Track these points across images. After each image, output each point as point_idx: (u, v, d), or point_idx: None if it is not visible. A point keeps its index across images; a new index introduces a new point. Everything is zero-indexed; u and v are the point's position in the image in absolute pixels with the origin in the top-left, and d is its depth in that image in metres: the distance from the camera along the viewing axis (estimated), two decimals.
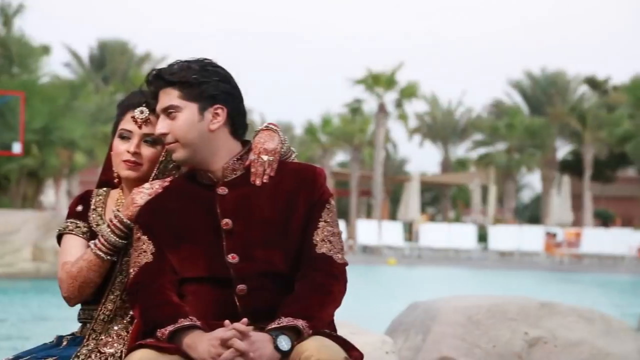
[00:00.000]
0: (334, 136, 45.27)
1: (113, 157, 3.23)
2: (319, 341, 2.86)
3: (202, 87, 3.00)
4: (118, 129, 3.21)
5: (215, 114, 3.02)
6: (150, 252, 3.03)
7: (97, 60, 51.45)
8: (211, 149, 3.03)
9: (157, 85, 3.04)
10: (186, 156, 3.03)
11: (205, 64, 3.03)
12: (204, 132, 3.02)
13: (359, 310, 14.64)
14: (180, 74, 3.01)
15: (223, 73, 3.05)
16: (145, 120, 3.17)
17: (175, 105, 3.01)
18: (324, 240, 3.01)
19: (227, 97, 3.03)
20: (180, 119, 3.01)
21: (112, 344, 3.14)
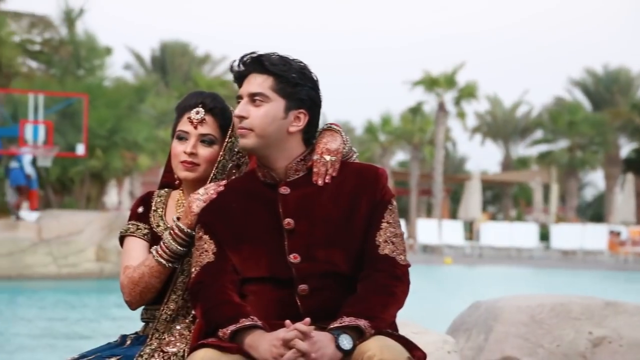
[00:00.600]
0: (393, 135, 45.18)
1: (172, 158, 3.25)
2: (381, 341, 2.84)
3: (296, 88, 3.00)
4: (176, 131, 3.24)
5: (297, 117, 3.02)
6: (211, 251, 3.03)
7: (158, 62, 51.92)
8: (281, 148, 3.03)
9: (252, 69, 3.02)
10: (255, 146, 3.01)
11: (303, 67, 3.03)
12: (282, 131, 3.01)
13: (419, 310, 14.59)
14: (281, 67, 3.00)
15: (316, 81, 3.05)
16: (201, 120, 3.19)
17: (265, 94, 3.00)
18: (386, 241, 3.00)
19: (312, 105, 3.03)
20: (264, 109, 3.00)
21: (175, 343, 3.16)
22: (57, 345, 11.26)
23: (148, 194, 3.35)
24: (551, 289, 19.28)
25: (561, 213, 45.87)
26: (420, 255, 32.58)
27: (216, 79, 42.86)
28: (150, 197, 3.32)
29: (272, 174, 3.05)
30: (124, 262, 3.23)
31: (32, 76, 31.92)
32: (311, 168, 3.06)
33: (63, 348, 10.88)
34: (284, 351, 2.79)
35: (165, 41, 52.90)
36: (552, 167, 46.04)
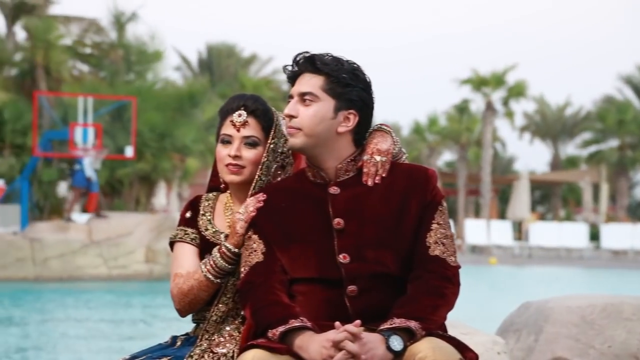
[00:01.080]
0: (440, 135, 45.02)
1: (217, 162, 3.26)
2: (433, 342, 2.84)
3: (346, 89, 3.00)
4: (220, 135, 3.25)
5: (347, 117, 3.02)
6: (260, 251, 3.04)
7: (205, 64, 52.19)
8: (330, 148, 3.03)
9: (304, 68, 3.03)
10: (303, 146, 3.02)
11: (355, 68, 3.03)
12: (331, 131, 3.02)
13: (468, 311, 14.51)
14: (332, 67, 3.00)
15: (368, 82, 3.05)
16: (243, 123, 3.20)
17: (315, 94, 3.01)
18: (437, 242, 2.99)
19: (363, 106, 3.03)
20: (313, 109, 3.01)
21: (225, 344, 3.17)
22: (108, 347, 11.35)
23: (196, 198, 3.36)
24: (602, 289, 19.09)
25: (611, 212, 45.38)
26: (468, 255, 32.43)
27: (262, 80, 42.99)
28: (198, 202, 3.34)
29: (322, 174, 3.05)
30: (173, 270, 3.25)
31: (81, 79, 32.24)
32: (361, 168, 3.06)
33: (113, 349, 10.97)
34: (334, 352, 2.79)
35: (212, 43, 53.15)
36: (601, 166, 45.58)
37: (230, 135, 3.21)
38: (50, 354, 10.88)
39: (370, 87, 3.06)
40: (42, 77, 30.88)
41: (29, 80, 31.37)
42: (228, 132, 3.22)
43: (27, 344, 11.58)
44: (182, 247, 3.26)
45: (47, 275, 21.42)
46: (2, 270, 21.31)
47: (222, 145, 3.23)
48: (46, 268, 21.54)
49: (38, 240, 21.78)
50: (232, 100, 3.27)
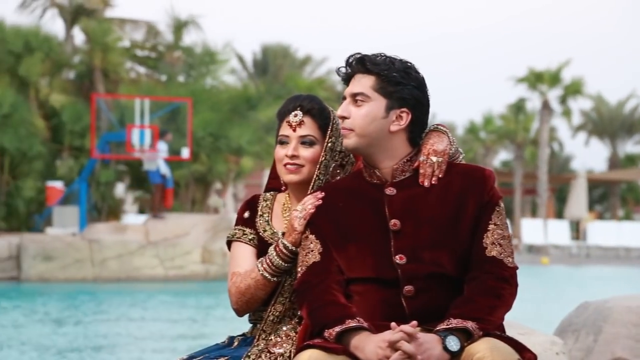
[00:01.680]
0: (496, 135, 44.74)
1: (276, 164, 3.28)
2: (490, 343, 2.82)
3: (397, 87, 3.00)
4: (277, 137, 3.27)
5: (399, 116, 3.02)
6: (317, 251, 3.04)
7: (260, 65, 52.42)
8: (384, 148, 3.03)
9: (356, 69, 3.05)
10: (357, 146, 3.03)
11: (407, 66, 3.03)
12: (383, 130, 3.02)
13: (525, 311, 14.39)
14: (383, 66, 3.01)
15: (421, 80, 3.04)
16: (299, 122, 3.22)
17: (366, 94, 3.02)
18: (494, 243, 2.98)
19: (417, 104, 3.02)
20: (364, 109, 3.02)
21: (282, 344, 3.18)
22: (165, 347, 11.43)
23: (254, 198, 3.37)
24: None
25: None
26: (525, 255, 32.18)
27: (316, 81, 43.06)
28: (256, 202, 3.35)
29: (378, 174, 3.05)
30: (231, 268, 3.27)
31: (138, 82, 32.55)
32: (417, 169, 3.05)
33: (170, 349, 11.05)
34: (390, 353, 2.78)
35: (266, 44, 53.36)
36: None
37: (287, 135, 3.23)
38: (108, 354, 10.99)
39: (423, 85, 3.05)
40: (99, 80, 31.23)
41: (87, 83, 31.74)
42: (285, 133, 3.24)
43: (86, 344, 11.71)
44: (239, 246, 3.28)
45: (105, 276, 21.66)
46: (61, 271, 21.59)
47: (280, 146, 3.25)
48: (104, 269, 21.77)
49: (96, 241, 22.03)
50: (288, 101, 3.29)
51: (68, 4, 34.50)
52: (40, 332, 12.73)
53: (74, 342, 11.77)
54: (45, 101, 30.10)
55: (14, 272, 21.72)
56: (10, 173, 28.44)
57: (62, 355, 10.75)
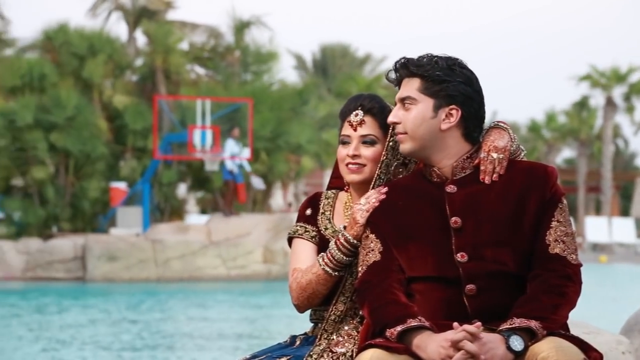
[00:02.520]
0: (559, 132, 44.31)
1: (338, 164, 3.28)
2: (555, 342, 2.79)
3: (442, 85, 2.99)
4: (340, 137, 3.27)
5: (449, 114, 3.01)
6: (378, 250, 3.03)
7: (319, 65, 52.49)
8: (439, 147, 3.01)
9: (402, 74, 3.06)
10: (412, 149, 3.03)
11: (452, 63, 3.01)
12: (434, 129, 3.01)
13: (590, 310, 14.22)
14: (425, 67, 3.01)
15: (468, 75, 3.02)
16: (360, 122, 3.21)
17: (412, 97, 3.02)
18: (557, 240, 2.94)
19: (466, 99, 3.00)
20: (413, 112, 3.02)
21: (343, 343, 3.17)
22: (228, 346, 11.50)
23: (316, 196, 3.37)
24: None
25: None
26: (589, 253, 31.81)
27: (376, 79, 43.01)
28: (318, 199, 3.34)
29: (438, 172, 3.04)
30: (292, 265, 3.27)
31: (198, 83, 32.78)
32: (478, 166, 3.03)
33: (233, 349, 11.12)
34: (453, 352, 2.76)
35: (326, 43, 53.41)
36: None
37: (349, 135, 3.23)
38: (171, 353, 11.09)
39: (472, 80, 3.02)
40: (161, 81, 31.52)
41: (149, 84, 32.06)
42: (346, 133, 3.24)
43: (149, 343, 11.82)
44: (301, 243, 3.28)
45: (168, 276, 21.85)
46: (125, 271, 21.82)
47: (342, 146, 3.25)
48: (167, 269, 21.97)
49: (159, 241, 22.23)
50: (349, 101, 3.29)
51: (131, 7, 34.88)
52: (104, 331, 12.88)
53: (137, 342, 11.89)
54: (108, 103, 30.46)
55: (79, 273, 22.01)
56: (74, 174, 28.82)
57: (125, 354, 10.86)
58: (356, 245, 3.12)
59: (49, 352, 10.92)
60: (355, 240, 3.12)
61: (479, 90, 3.04)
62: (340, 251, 3.14)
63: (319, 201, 3.34)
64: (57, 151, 28.26)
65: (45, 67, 29.16)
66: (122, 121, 29.80)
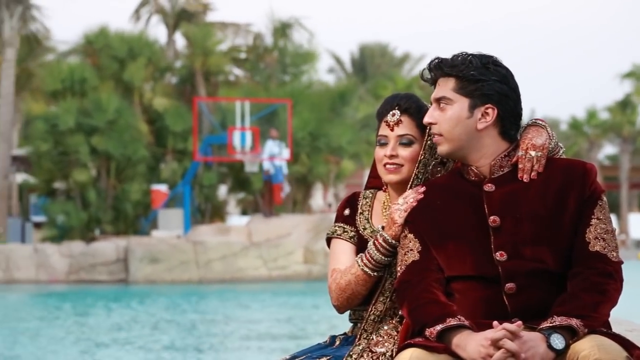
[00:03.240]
0: (600, 129, 43.96)
1: (376, 165, 3.27)
2: (597, 340, 2.77)
3: (477, 85, 2.97)
4: (377, 137, 3.26)
5: (484, 113, 2.99)
6: (416, 250, 3.03)
7: (358, 64, 52.47)
8: (476, 146, 3.00)
9: (436, 74, 3.04)
10: (449, 150, 3.02)
11: (487, 61, 2.99)
12: (471, 129, 2.99)
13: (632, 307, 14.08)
14: (459, 67, 2.99)
15: (503, 73, 3.00)
16: (397, 122, 3.20)
17: (448, 97, 3.00)
18: (597, 237, 2.92)
19: (501, 98, 2.98)
20: (448, 112, 3.00)
21: (383, 343, 3.17)
22: (268, 346, 11.52)
23: (354, 195, 3.36)
24: None
25: None
26: (633, 250, 31.51)
27: (414, 78, 42.91)
28: (356, 199, 3.34)
29: (475, 171, 3.02)
30: (331, 265, 3.27)
31: (237, 84, 32.89)
32: (516, 164, 3.01)
33: (273, 349, 11.13)
34: (493, 351, 2.75)
35: (365, 43, 53.36)
36: None
37: (386, 135, 3.22)
38: (213, 353, 11.12)
39: (507, 78, 3.00)
40: (201, 83, 31.66)
41: (188, 87, 32.22)
42: (384, 133, 3.23)
43: (191, 344, 11.87)
44: (340, 244, 3.27)
45: (209, 277, 21.95)
46: (167, 273, 21.94)
47: (379, 146, 3.24)
48: (209, 270, 22.07)
49: (201, 243, 22.33)
50: (386, 101, 3.28)
51: (170, 10, 35.08)
52: (146, 332, 12.94)
53: (178, 343, 11.95)
54: (148, 106, 30.67)
55: (122, 275, 22.18)
56: (116, 177, 29.03)
57: (166, 355, 10.91)
58: (395, 245, 3.11)
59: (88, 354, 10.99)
60: (393, 241, 3.11)
61: (514, 87, 3.02)
62: (378, 251, 3.13)
63: (357, 201, 3.33)
64: (99, 154, 28.49)
65: (86, 71, 29.41)
66: (162, 123, 29.97)
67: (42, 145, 28.28)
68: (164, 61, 32.05)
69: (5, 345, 11.86)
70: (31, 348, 11.63)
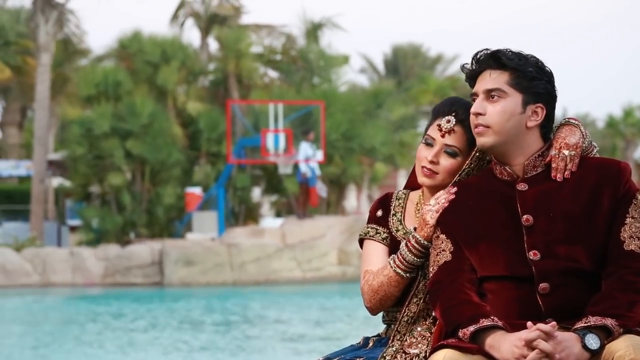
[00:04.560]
0: (636, 128, 43.65)
1: (416, 160, 3.24)
2: (632, 340, 2.74)
3: (534, 82, 2.96)
4: (425, 134, 3.22)
5: (535, 111, 2.97)
6: (449, 250, 3.01)
7: (391, 65, 52.39)
8: (519, 144, 2.98)
9: (487, 65, 2.99)
10: (494, 143, 2.97)
11: (539, 60, 2.99)
12: (520, 126, 2.97)
13: None
14: (518, 61, 2.96)
15: (551, 74, 3.00)
16: (449, 130, 3.14)
17: (502, 89, 2.96)
18: (632, 237, 2.89)
19: (550, 99, 2.98)
20: (501, 105, 2.96)
21: (417, 344, 3.15)
22: (302, 348, 11.53)
23: (386, 196, 3.34)
24: None
25: None
26: None
27: (447, 80, 42.76)
28: (389, 200, 3.32)
29: (509, 170, 3.00)
30: (363, 267, 3.25)
31: (270, 86, 32.95)
32: (549, 164, 2.99)
33: (308, 350, 11.14)
34: (527, 352, 2.73)
35: (398, 44, 53.26)
36: None
37: (434, 138, 3.17)
38: (248, 355, 11.15)
39: (553, 80, 3.00)
40: (234, 86, 31.75)
41: (221, 90, 32.31)
42: (433, 135, 3.17)
43: (225, 346, 11.90)
44: (372, 245, 3.26)
45: (244, 280, 21.99)
46: (202, 276, 22.02)
47: (425, 146, 3.19)
48: (243, 272, 22.12)
49: (235, 245, 22.39)
50: (445, 102, 3.21)
51: (204, 13, 35.21)
52: (181, 334, 13.00)
53: (213, 344, 11.99)
54: (182, 109, 30.78)
55: (157, 278, 22.29)
56: (150, 181, 29.18)
57: (201, 356, 10.95)
58: (427, 246, 3.09)
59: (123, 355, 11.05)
60: (426, 242, 3.09)
61: (557, 90, 3.03)
62: (411, 253, 3.12)
63: (390, 202, 3.31)
64: (133, 158, 28.64)
65: (120, 75, 29.58)
66: (196, 127, 30.08)
67: (78, 149, 28.47)
68: (197, 65, 32.17)
69: (39, 348, 11.96)
70: (65, 351, 11.72)
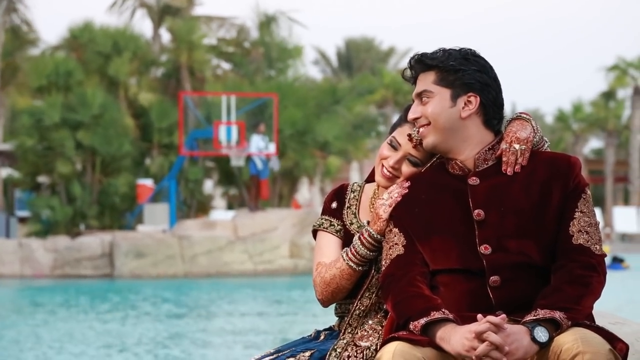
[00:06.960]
0: (586, 123, 44.10)
1: (377, 157, 3.23)
2: (580, 333, 2.77)
3: (457, 74, 2.99)
4: (391, 134, 3.20)
5: (467, 101, 3.00)
6: (401, 244, 3.03)
7: (343, 59, 52.42)
8: (461, 137, 3.00)
9: (417, 69, 3.06)
10: (435, 141, 3.01)
11: (466, 52, 3.02)
12: (455, 118, 3.00)
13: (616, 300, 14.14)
14: (439, 59, 3.01)
15: (482, 63, 3.02)
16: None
17: (429, 90, 3.01)
18: (580, 231, 2.93)
19: (482, 87, 3.00)
20: (431, 104, 3.01)
21: (368, 337, 3.17)
22: (253, 341, 11.52)
23: (341, 188, 3.33)
24: None
25: None
26: (618, 244, 31.63)
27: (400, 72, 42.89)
28: (343, 192, 3.31)
29: (460, 164, 3.03)
30: (316, 259, 3.25)
31: (223, 78, 32.83)
32: (500, 157, 3.02)
33: (259, 343, 11.13)
34: (477, 344, 2.75)
35: (350, 37, 53.33)
36: None
37: (400, 144, 3.15)
38: (199, 348, 11.12)
39: (486, 68, 3.02)
40: (186, 78, 31.59)
41: (173, 81, 32.14)
42: (400, 140, 3.15)
43: (177, 338, 11.86)
44: (326, 236, 3.26)
45: (195, 272, 21.92)
46: (153, 268, 21.91)
47: (388, 146, 3.17)
48: (194, 265, 22.04)
49: (186, 237, 22.30)
50: None
51: (155, 4, 34.97)
52: (131, 326, 12.92)
53: (164, 336, 11.93)
54: (134, 100, 30.58)
55: (107, 270, 22.13)
56: (101, 172, 28.95)
57: (153, 349, 10.90)
58: (380, 240, 3.10)
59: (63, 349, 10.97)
60: (379, 236, 3.10)
61: (495, 77, 3.04)
62: (364, 246, 3.13)
63: (345, 194, 3.30)
64: (84, 149, 28.40)
65: (71, 65, 29.30)
66: (148, 118, 29.89)
67: (27, 140, 28.16)
68: (149, 56, 31.96)
69: None
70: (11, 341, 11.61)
